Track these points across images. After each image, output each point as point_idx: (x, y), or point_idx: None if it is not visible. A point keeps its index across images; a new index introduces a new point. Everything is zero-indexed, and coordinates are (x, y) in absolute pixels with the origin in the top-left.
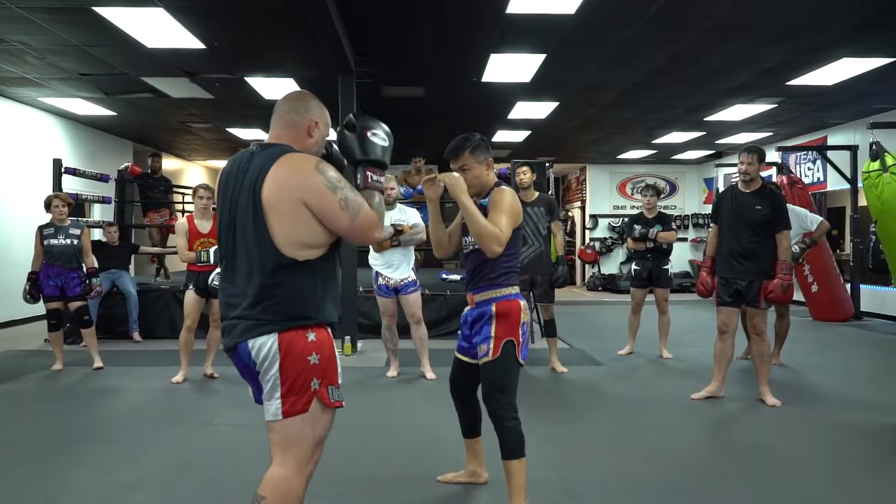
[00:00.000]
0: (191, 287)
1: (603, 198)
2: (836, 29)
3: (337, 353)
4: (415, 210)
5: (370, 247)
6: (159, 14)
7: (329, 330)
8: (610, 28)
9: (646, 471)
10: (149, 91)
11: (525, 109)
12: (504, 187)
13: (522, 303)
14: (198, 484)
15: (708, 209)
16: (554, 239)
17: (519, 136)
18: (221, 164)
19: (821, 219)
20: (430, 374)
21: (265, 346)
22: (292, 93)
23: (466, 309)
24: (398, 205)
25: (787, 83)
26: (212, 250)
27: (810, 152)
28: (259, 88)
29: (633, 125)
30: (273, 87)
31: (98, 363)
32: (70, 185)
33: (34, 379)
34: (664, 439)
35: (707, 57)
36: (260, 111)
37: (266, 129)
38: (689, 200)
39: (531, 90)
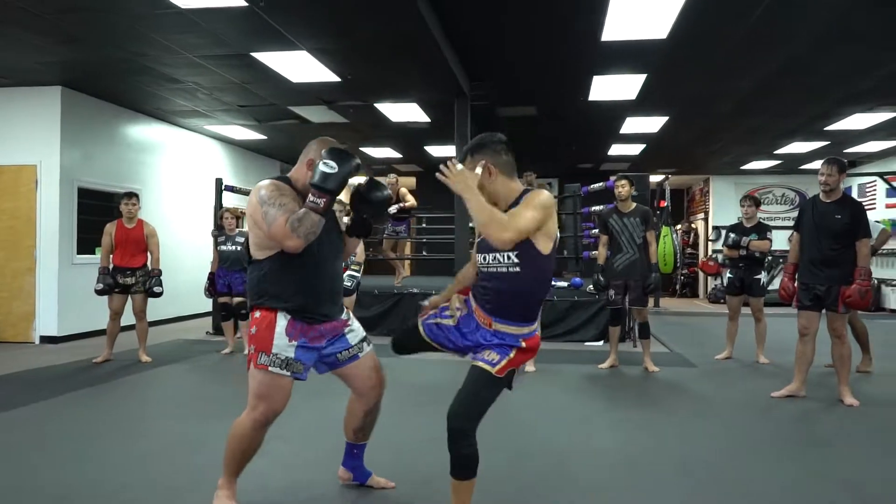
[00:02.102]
0: None
1: (727, 209)
2: None
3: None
4: None
5: None
6: (302, 55)
7: (275, 313)
8: (707, 45)
9: (703, 454)
10: (293, 118)
11: (636, 124)
12: (541, 190)
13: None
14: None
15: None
16: (649, 247)
17: (635, 149)
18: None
19: (882, 227)
20: (529, 367)
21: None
22: (313, 140)
23: (460, 310)
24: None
25: None
26: None
27: None
28: (387, 112)
29: (754, 135)
30: (399, 111)
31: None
32: (228, 200)
33: (211, 359)
34: (735, 428)
35: (820, 63)
36: (388, 132)
37: (395, 147)
38: None
39: (639, 106)
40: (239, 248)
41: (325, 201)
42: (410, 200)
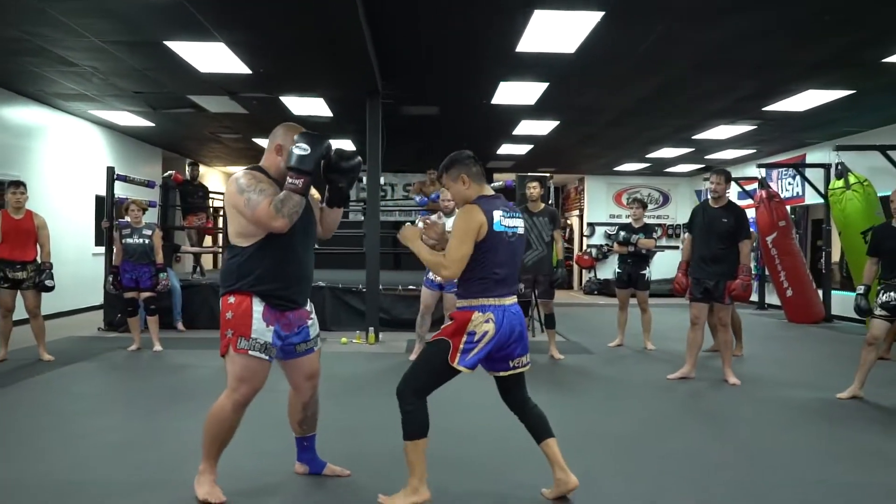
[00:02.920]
0: None
1: (600, 207)
2: (800, 66)
3: (258, 317)
4: None
5: None
6: (218, 47)
7: (250, 297)
8: (604, 63)
9: (623, 428)
10: (191, 106)
11: (529, 126)
12: (464, 208)
13: (480, 315)
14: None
15: None
16: (555, 245)
17: (522, 149)
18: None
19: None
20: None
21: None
22: (281, 124)
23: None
24: (457, 211)
25: (763, 108)
26: None
27: (789, 169)
28: (290, 106)
29: (628, 141)
30: (303, 105)
31: (158, 347)
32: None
33: (118, 356)
34: (642, 406)
35: (689, 87)
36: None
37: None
38: (682, 210)
39: (535, 111)
40: (147, 241)
41: (303, 181)
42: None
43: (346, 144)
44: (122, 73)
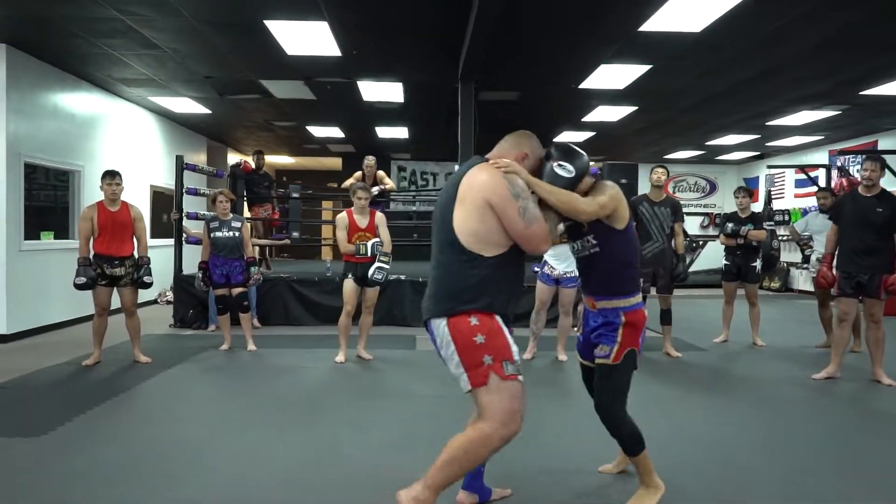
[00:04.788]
0: (349, 276)
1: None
2: None
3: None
4: None
5: None
6: (319, 27)
7: (493, 317)
8: (724, 45)
9: (807, 433)
10: (259, 92)
11: (602, 113)
12: (607, 184)
13: (645, 311)
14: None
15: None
16: (677, 238)
17: (583, 136)
18: (281, 158)
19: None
20: (562, 356)
21: (440, 326)
22: (518, 132)
23: (581, 308)
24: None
25: (861, 92)
26: (370, 243)
27: (858, 156)
28: (364, 91)
29: (697, 128)
30: (377, 90)
31: (252, 346)
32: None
33: (216, 357)
34: (801, 410)
35: (795, 69)
36: (349, 112)
37: (342, 128)
38: (729, 199)
39: (619, 96)
40: (237, 234)
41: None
42: (389, 183)
43: (334, 131)
44: (201, 55)
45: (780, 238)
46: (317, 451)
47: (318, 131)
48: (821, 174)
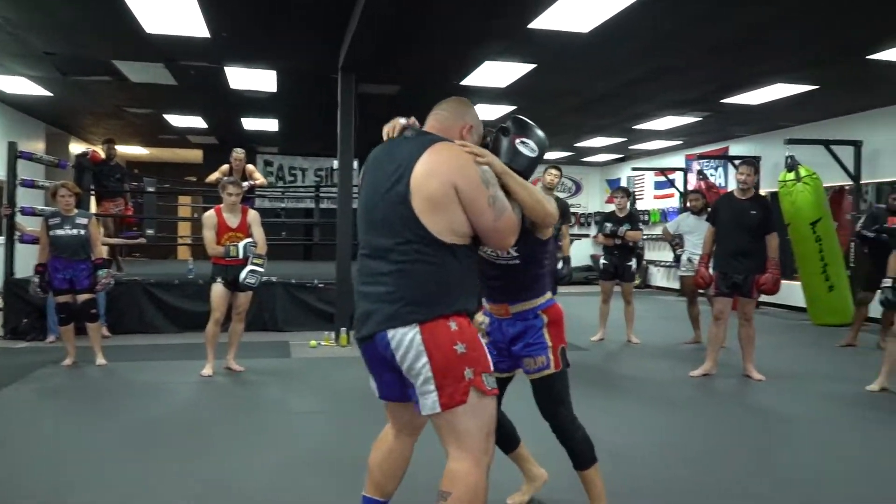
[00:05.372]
0: (218, 280)
1: None
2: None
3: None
4: None
5: None
6: (187, 4)
7: (468, 319)
8: (612, 46)
9: (694, 432)
10: (109, 73)
11: (480, 112)
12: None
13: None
14: (328, 472)
15: (609, 208)
16: (563, 239)
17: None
18: (133, 149)
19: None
20: None
21: (406, 336)
22: (453, 98)
23: (485, 321)
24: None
25: (721, 101)
26: (241, 244)
27: (713, 160)
28: (233, 78)
29: (573, 129)
30: (247, 78)
31: (101, 360)
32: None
33: (57, 375)
34: (693, 409)
35: (676, 74)
36: (214, 101)
37: (204, 117)
38: (592, 199)
39: (500, 95)
40: (82, 232)
41: None
42: (260, 178)
43: (196, 121)
44: (41, 27)
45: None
46: (202, 488)
47: (177, 120)
48: (678, 177)
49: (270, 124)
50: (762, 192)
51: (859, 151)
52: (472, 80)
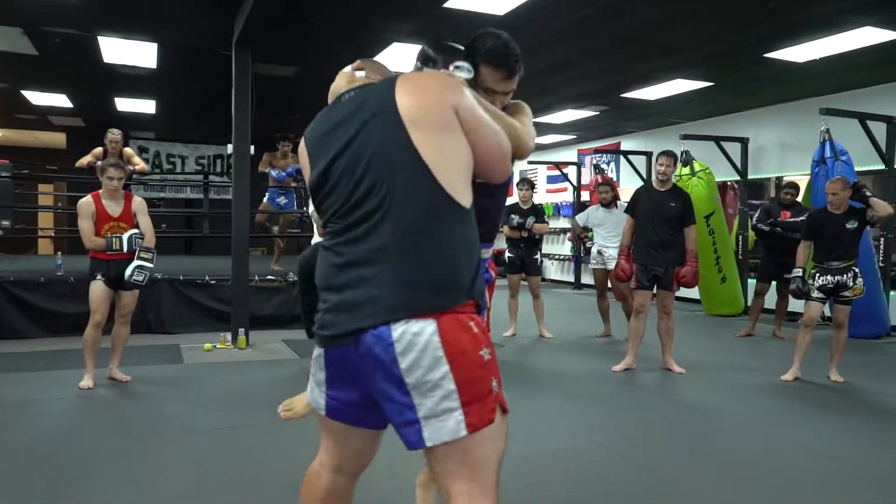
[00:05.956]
0: (98, 277)
1: None
2: (691, 54)
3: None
4: None
5: (314, 232)
6: None
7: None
8: (524, 33)
9: (626, 428)
10: None
11: None
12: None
13: None
14: (248, 497)
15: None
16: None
17: None
18: None
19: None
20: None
21: (420, 334)
22: (361, 59)
23: None
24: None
25: (622, 95)
26: (126, 236)
27: (605, 154)
28: (106, 49)
29: None
30: (123, 50)
31: None
32: None
33: None
34: (621, 404)
35: (584, 63)
36: (83, 76)
37: (70, 94)
38: None
39: None
40: None
41: None
42: (140, 163)
43: (60, 99)
44: None
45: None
46: None
47: (37, 98)
48: (571, 171)
49: (147, 106)
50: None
51: (746, 148)
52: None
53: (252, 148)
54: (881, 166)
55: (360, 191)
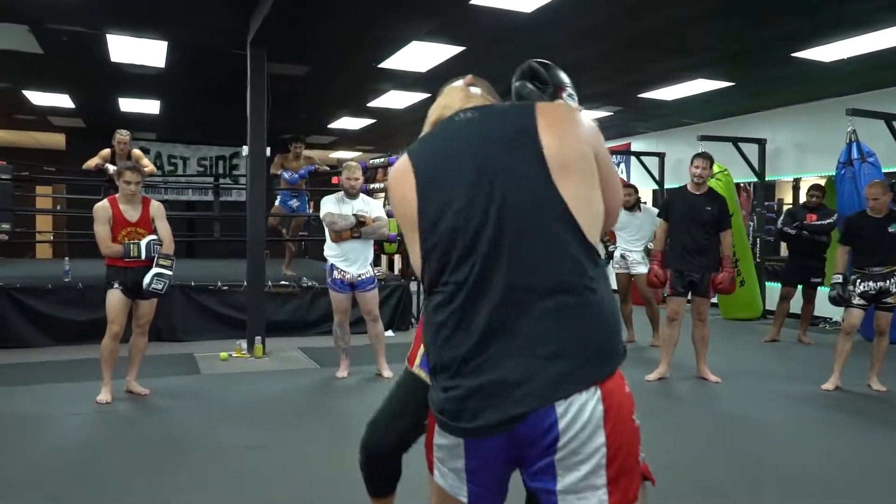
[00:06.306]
0: (116, 286)
1: None
2: (714, 53)
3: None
4: (378, 202)
5: (327, 238)
6: None
7: None
8: (549, 29)
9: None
10: None
11: (391, 98)
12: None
13: None
14: None
15: None
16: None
17: (359, 123)
18: None
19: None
20: (387, 373)
21: (585, 407)
22: (470, 76)
23: None
24: (362, 195)
25: (639, 95)
26: (144, 242)
27: (616, 156)
28: (114, 48)
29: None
30: (131, 49)
31: None
32: None
33: None
34: (662, 417)
35: (603, 63)
36: (88, 75)
37: (73, 94)
38: None
39: (418, 81)
40: None
41: None
42: (149, 165)
43: (62, 99)
44: None
45: None
46: None
47: (39, 98)
48: None
49: (151, 106)
50: (668, 187)
51: (764, 149)
52: (392, 62)
53: (269, 150)
54: None
55: (493, 242)
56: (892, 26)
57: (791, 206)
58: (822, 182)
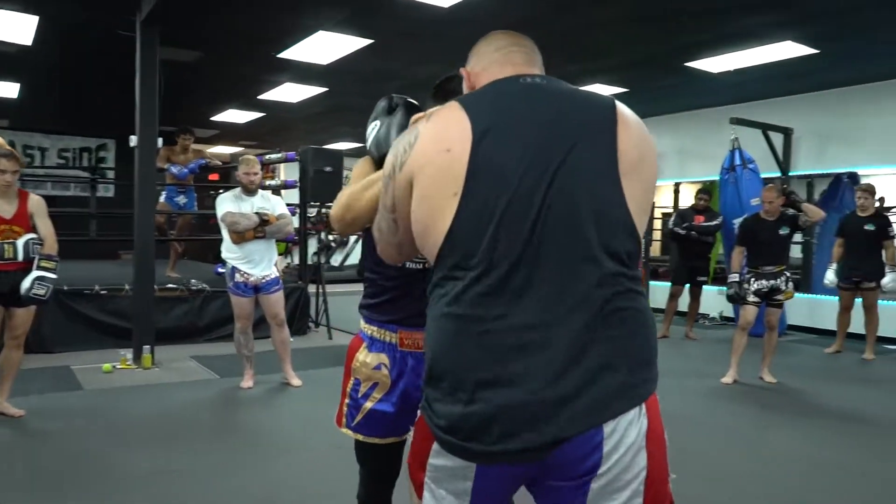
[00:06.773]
0: None
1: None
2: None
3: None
4: (279, 198)
5: (225, 238)
6: None
7: None
8: (464, 26)
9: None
10: None
11: (285, 91)
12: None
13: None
14: None
15: None
16: None
17: (249, 116)
18: None
19: None
20: (295, 381)
21: (632, 427)
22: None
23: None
24: (260, 192)
25: None
26: (21, 242)
27: None
28: None
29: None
30: None
31: None
32: None
33: None
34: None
35: None
36: None
37: None
38: None
39: (317, 74)
40: None
41: None
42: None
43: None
44: None
45: None
46: None
47: None
48: None
49: (10, 89)
50: None
51: None
52: (293, 52)
53: (160, 141)
54: (778, 173)
55: (545, 230)
56: (780, 41)
57: (682, 209)
58: (696, 187)
